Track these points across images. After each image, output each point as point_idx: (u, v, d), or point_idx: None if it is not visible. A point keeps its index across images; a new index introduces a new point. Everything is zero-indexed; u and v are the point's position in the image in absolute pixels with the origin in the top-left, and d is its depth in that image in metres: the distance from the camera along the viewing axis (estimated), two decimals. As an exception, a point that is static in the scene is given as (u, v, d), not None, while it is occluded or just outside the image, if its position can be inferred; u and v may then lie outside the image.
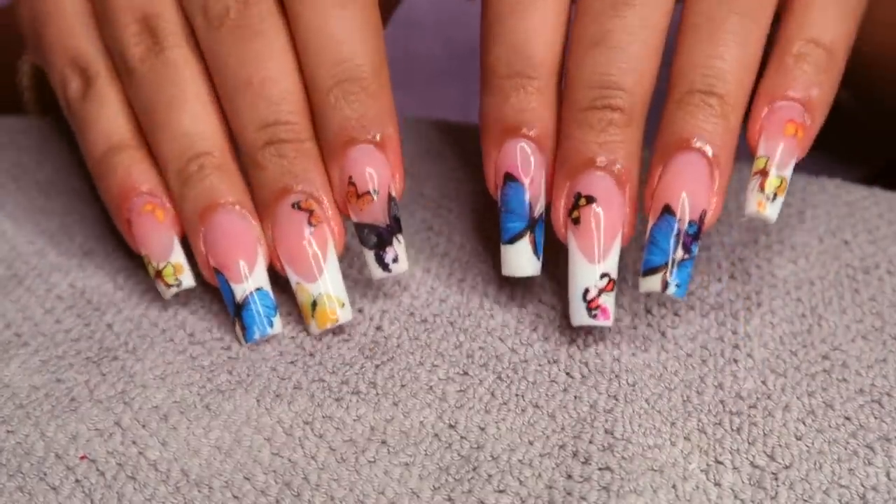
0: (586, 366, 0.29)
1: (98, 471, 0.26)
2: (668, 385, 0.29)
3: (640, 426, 0.27)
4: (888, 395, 0.28)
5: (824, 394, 0.28)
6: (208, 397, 0.28)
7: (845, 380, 0.29)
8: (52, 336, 0.31)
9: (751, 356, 0.30)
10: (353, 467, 0.26)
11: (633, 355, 0.30)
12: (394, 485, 0.26)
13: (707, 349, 0.30)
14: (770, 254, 0.33)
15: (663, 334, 0.30)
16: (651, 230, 0.29)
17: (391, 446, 0.27)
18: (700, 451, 0.27)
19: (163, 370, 0.29)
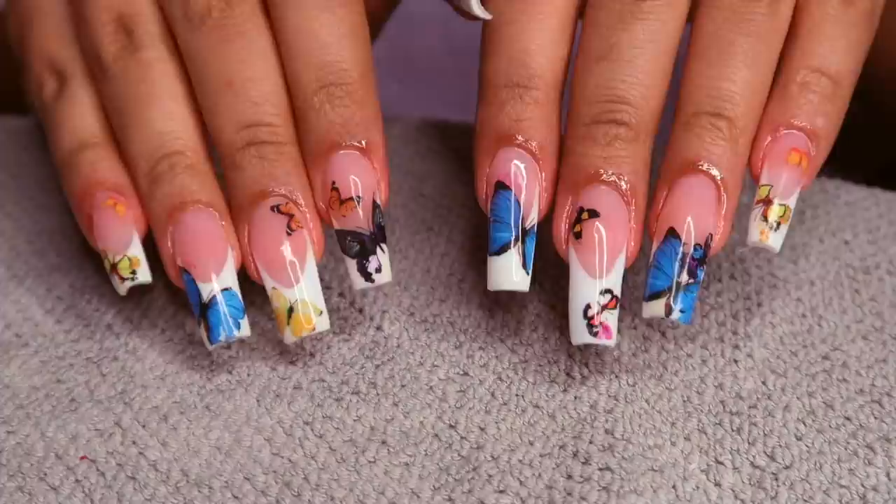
0: (586, 366, 0.29)
1: (98, 471, 0.26)
2: (668, 385, 0.29)
3: (640, 426, 0.27)
4: (888, 395, 0.28)
5: (824, 394, 0.28)
6: (208, 397, 0.28)
7: (845, 380, 0.29)
8: (52, 336, 0.31)
9: (751, 356, 0.30)
10: (353, 467, 0.26)
11: (633, 355, 0.30)
12: (394, 485, 0.26)
13: (707, 349, 0.30)
14: (770, 254, 0.33)
15: (663, 334, 0.30)
16: (655, 254, 0.28)
17: (391, 446, 0.27)
18: (700, 452, 0.27)
19: (163, 370, 0.29)
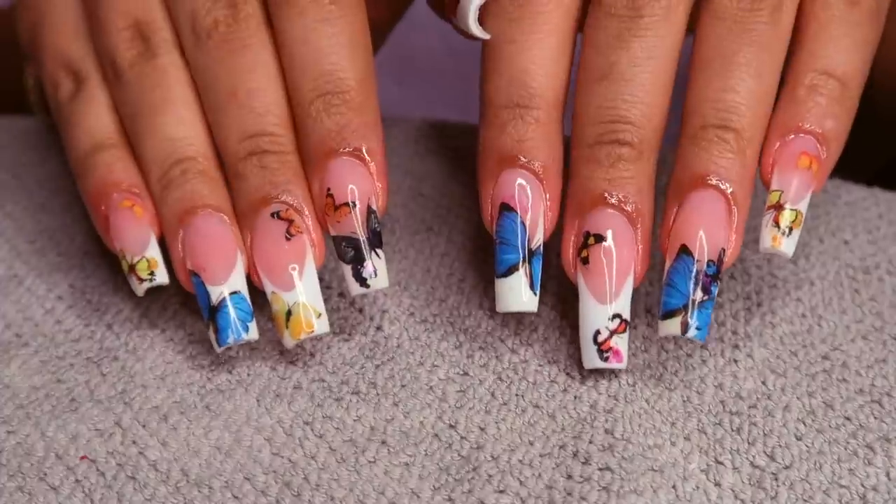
0: (586, 366, 0.29)
1: (98, 471, 0.26)
2: (668, 385, 0.29)
3: (640, 426, 0.27)
4: (888, 395, 0.28)
5: (824, 394, 0.28)
6: (208, 397, 0.28)
7: (845, 380, 0.29)
8: (52, 336, 0.31)
9: (751, 356, 0.30)
10: (353, 467, 0.26)
11: (633, 355, 0.30)
12: (394, 485, 0.26)
13: (707, 349, 0.30)
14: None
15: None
16: (668, 272, 0.28)
17: (391, 446, 0.27)
18: (700, 451, 0.27)
19: (163, 370, 0.29)
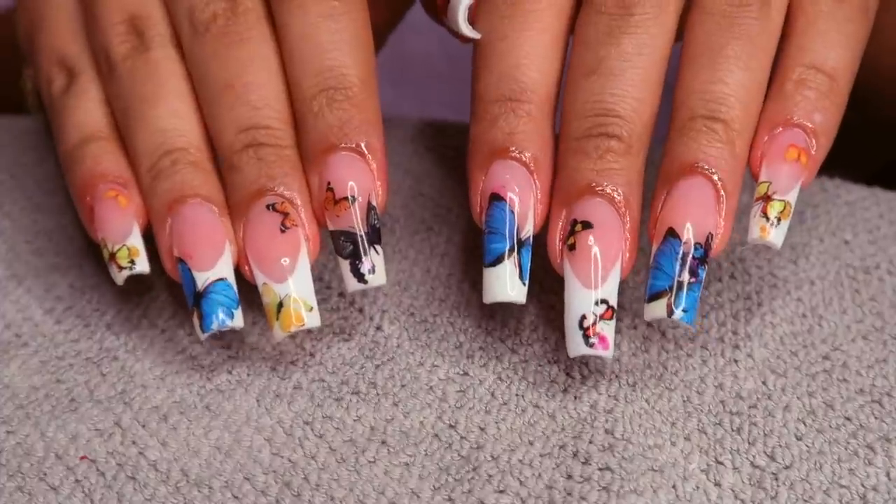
0: (586, 366, 0.29)
1: (98, 471, 0.26)
2: (668, 385, 0.29)
3: (640, 426, 0.27)
4: (888, 395, 0.28)
5: (824, 394, 0.28)
6: (208, 397, 0.28)
7: (845, 380, 0.29)
8: (52, 336, 0.31)
9: (751, 356, 0.30)
10: (353, 467, 0.26)
11: (633, 355, 0.30)
12: (394, 485, 0.26)
13: (707, 349, 0.30)
14: (770, 254, 0.33)
15: (663, 334, 0.30)
16: (654, 255, 0.28)
17: (391, 446, 0.27)
18: (700, 451, 0.27)
19: (163, 370, 0.29)
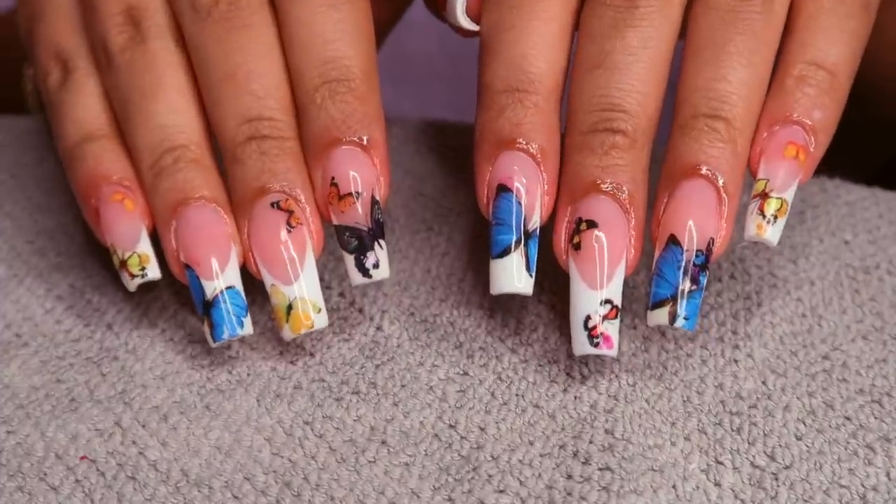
0: (586, 366, 0.29)
1: (98, 471, 0.26)
2: (668, 385, 0.29)
3: (640, 426, 0.27)
4: (888, 395, 0.28)
5: (824, 394, 0.28)
6: (208, 397, 0.28)
7: (845, 380, 0.29)
8: (52, 336, 0.31)
9: (751, 356, 0.30)
10: (353, 467, 0.26)
11: (633, 355, 0.30)
12: (394, 485, 0.26)
13: (707, 349, 0.30)
14: (770, 254, 0.33)
15: (663, 334, 0.30)
16: (657, 262, 0.28)
17: (391, 446, 0.27)
18: (700, 451, 0.27)
19: (163, 370, 0.29)
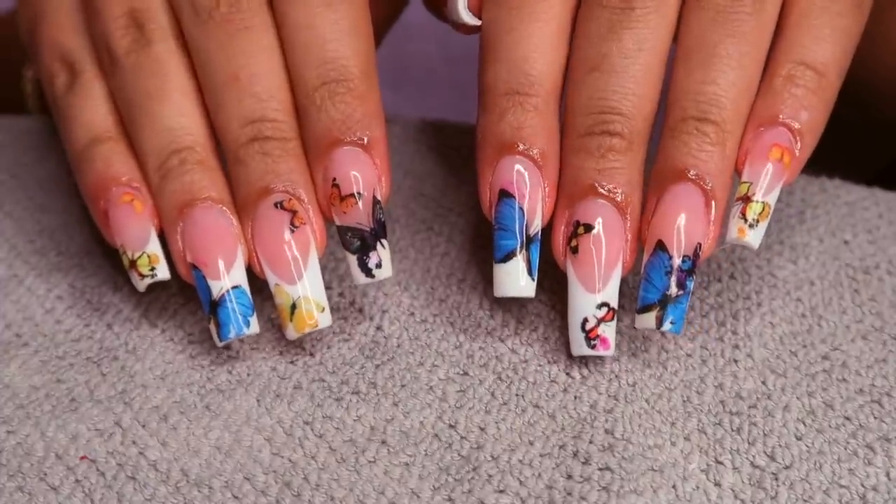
0: (586, 366, 0.29)
1: (98, 471, 0.26)
2: (668, 385, 0.29)
3: (640, 426, 0.27)
4: (888, 395, 0.28)
5: (824, 394, 0.28)
6: (208, 397, 0.28)
7: (845, 380, 0.29)
8: (52, 336, 0.31)
9: (751, 356, 0.30)
10: (353, 467, 0.26)
11: (634, 355, 0.30)
12: (394, 485, 0.26)
13: (707, 349, 0.30)
14: (770, 254, 0.33)
15: (663, 334, 0.30)
16: (645, 266, 0.28)
17: (391, 446, 0.27)
18: (700, 451, 0.27)
19: (163, 370, 0.29)
